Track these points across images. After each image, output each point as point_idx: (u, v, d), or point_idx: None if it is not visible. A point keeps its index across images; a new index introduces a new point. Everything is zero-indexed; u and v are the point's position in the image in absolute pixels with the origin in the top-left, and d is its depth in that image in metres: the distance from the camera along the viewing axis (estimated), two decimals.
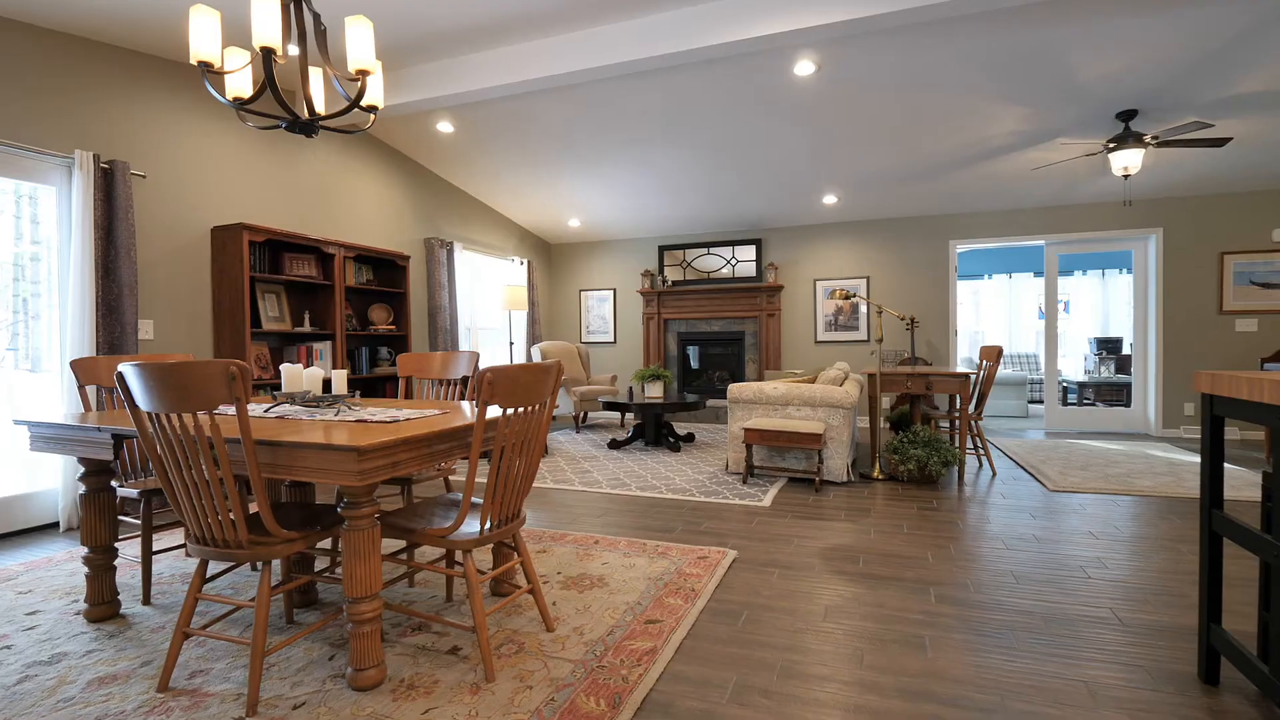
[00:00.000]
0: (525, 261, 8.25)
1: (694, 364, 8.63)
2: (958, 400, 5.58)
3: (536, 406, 2.13)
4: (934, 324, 7.48)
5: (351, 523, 1.89)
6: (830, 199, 7.10)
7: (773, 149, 5.91)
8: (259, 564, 2.99)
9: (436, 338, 6.64)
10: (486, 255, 7.69)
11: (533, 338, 8.34)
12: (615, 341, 8.91)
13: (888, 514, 3.81)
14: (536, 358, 7.67)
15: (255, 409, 2.48)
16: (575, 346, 8.12)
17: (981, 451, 5.37)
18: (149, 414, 1.83)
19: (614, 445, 6.04)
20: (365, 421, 2.14)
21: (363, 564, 1.89)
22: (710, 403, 8.43)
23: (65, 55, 3.86)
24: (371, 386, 5.84)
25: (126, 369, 1.82)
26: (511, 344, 7.38)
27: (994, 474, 4.90)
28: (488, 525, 2.07)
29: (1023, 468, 5.13)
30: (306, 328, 5.08)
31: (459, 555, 2.78)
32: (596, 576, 2.79)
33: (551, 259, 9.25)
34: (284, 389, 2.36)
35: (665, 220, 8.05)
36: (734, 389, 4.87)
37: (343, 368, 5.22)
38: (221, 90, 4.32)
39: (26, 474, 3.78)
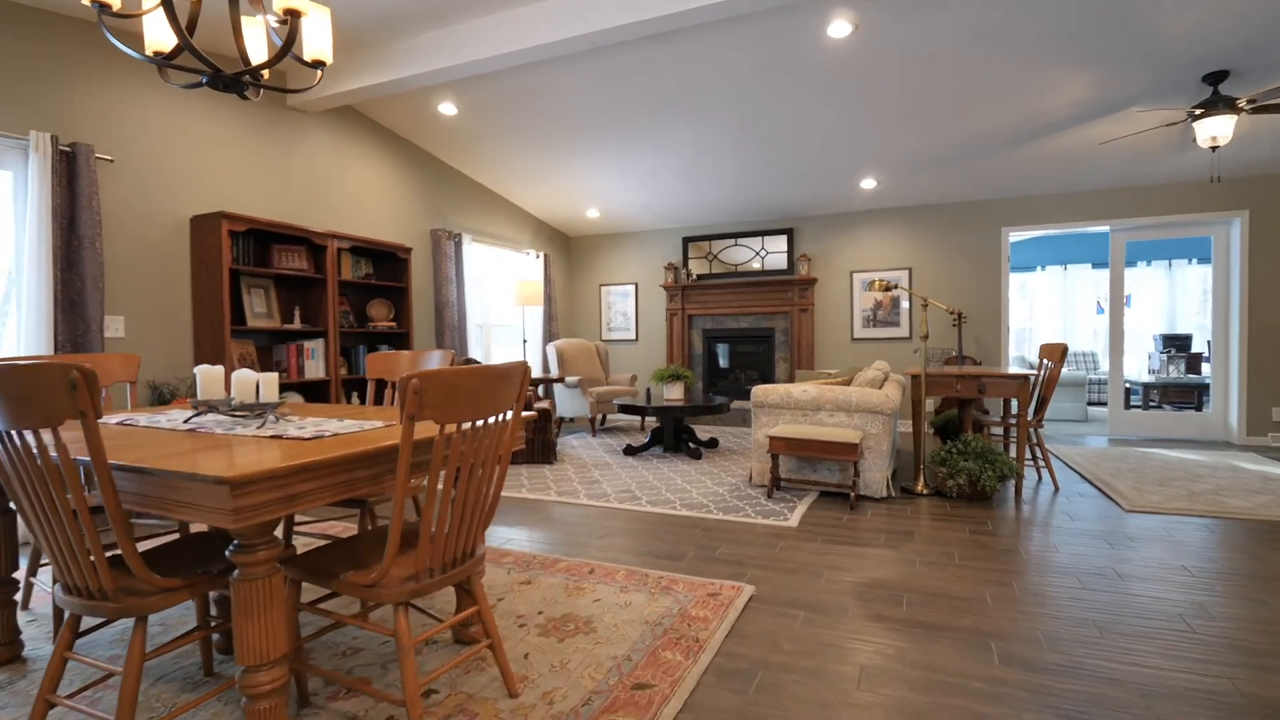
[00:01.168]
0: (541, 255, 7.85)
1: (722, 363, 8.12)
2: (1012, 405, 4.98)
3: (493, 420, 1.68)
4: (983, 319, 6.84)
5: (243, 570, 1.47)
6: (869, 183, 6.52)
7: (805, 127, 5.38)
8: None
9: (443, 335, 6.27)
10: (499, 248, 7.31)
11: (549, 335, 7.94)
12: (637, 339, 8.45)
13: (935, 538, 3.27)
14: (552, 356, 7.26)
15: (177, 417, 2.09)
16: (594, 345, 7.69)
17: (1041, 463, 4.76)
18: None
19: (629, 451, 5.59)
20: (281, 437, 1.73)
21: (256, 623, 1.47)
22: (736, 404, 7.92)
23: (20, 27, 3.55)
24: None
25: None
26: (525, 341, 6.99)
27: (1056, 489, 4.30)
28: (423, 573, 1.63)
29: (1089, 482, 4.51)
30: (296, 325, 4.75)
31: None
32: (584, 618, 2.34)
33: (570, 252, 8.83)
34: (200, 395, 1.96)
35: (689, 210, 7.56)
36: (758, 391, 4.37)
37: (336, 367, 4.87)
38: (138, 45, 3.99)
39: None
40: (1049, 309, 10.60)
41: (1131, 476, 4.58)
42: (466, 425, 1.64)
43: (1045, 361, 4.52)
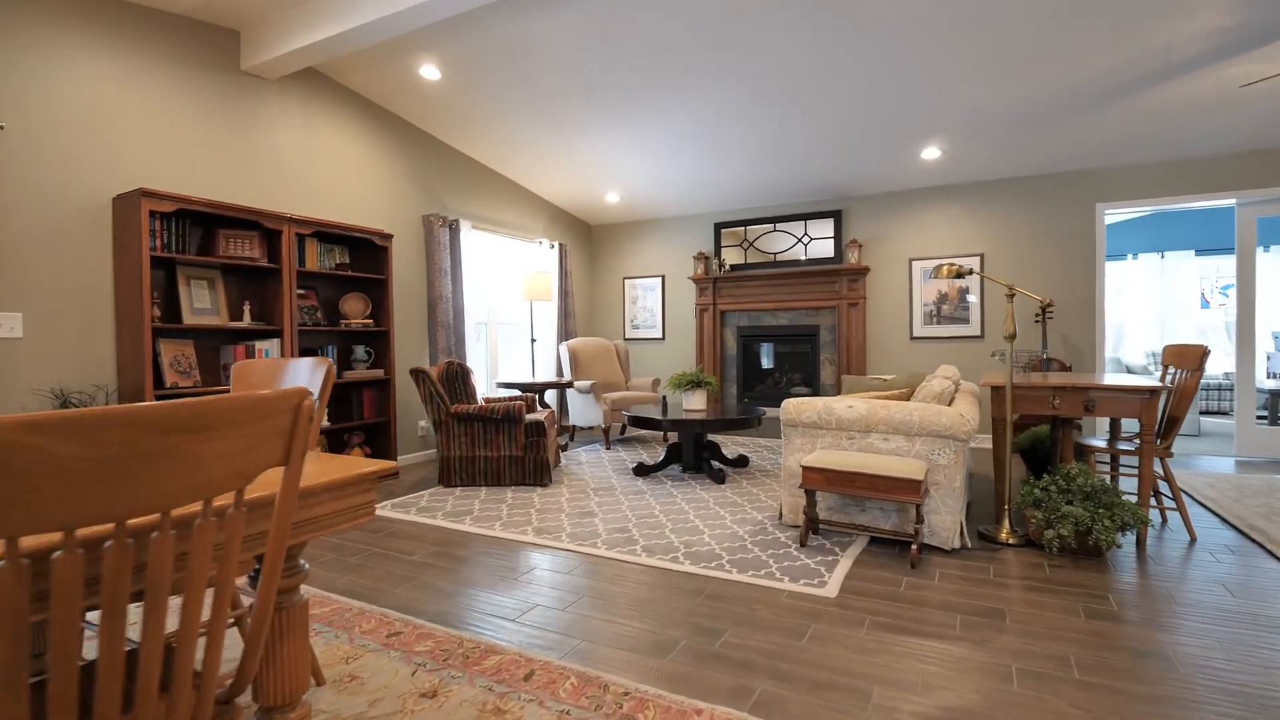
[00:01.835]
0: (557, 245, 7.05)
1: (759, 365, 7.16)
2: (1121, 424, 3.90)
3: (218, 508, 0.85)
4: (1072, 314, 5.71)
5: None
6: (931, 152, 5.47)
7: (854, 84, 4.40)
8: None
9: (435, 334, 5.54)
10: (507, 236, 6.54)
11: (566, 333, 7.14)
12: (663, 338, 7.57)
13: (1037, 625, 2.30)
14: (564, 357, 6.46)
15: None
16: (613, 344, 6.85)
17: (1169, 501, 3.69)
18: None
19: (640, 471, 4.73)
20: None
21: None
22: (774, 413, 6.96)
23: None
24: (342, 395, 4.78)
25: None
26: (534, 341, 6.23)
27: (1192, 539, 3.23)
28: None
29: (1234, 527, 3.42)
30: (246, 322, 4.06)
31: None
32: None
33: (592, 242, 8.01)
34: None
35: (721, 191, 6.63)
36: (790, 407, 3.44)
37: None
38: None
39: None
40: (1144, 303, 9.22)
41: None
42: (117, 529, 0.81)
43: (1175, 369, 3.45)
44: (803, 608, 2.46)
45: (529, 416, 4.51)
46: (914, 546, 2.91)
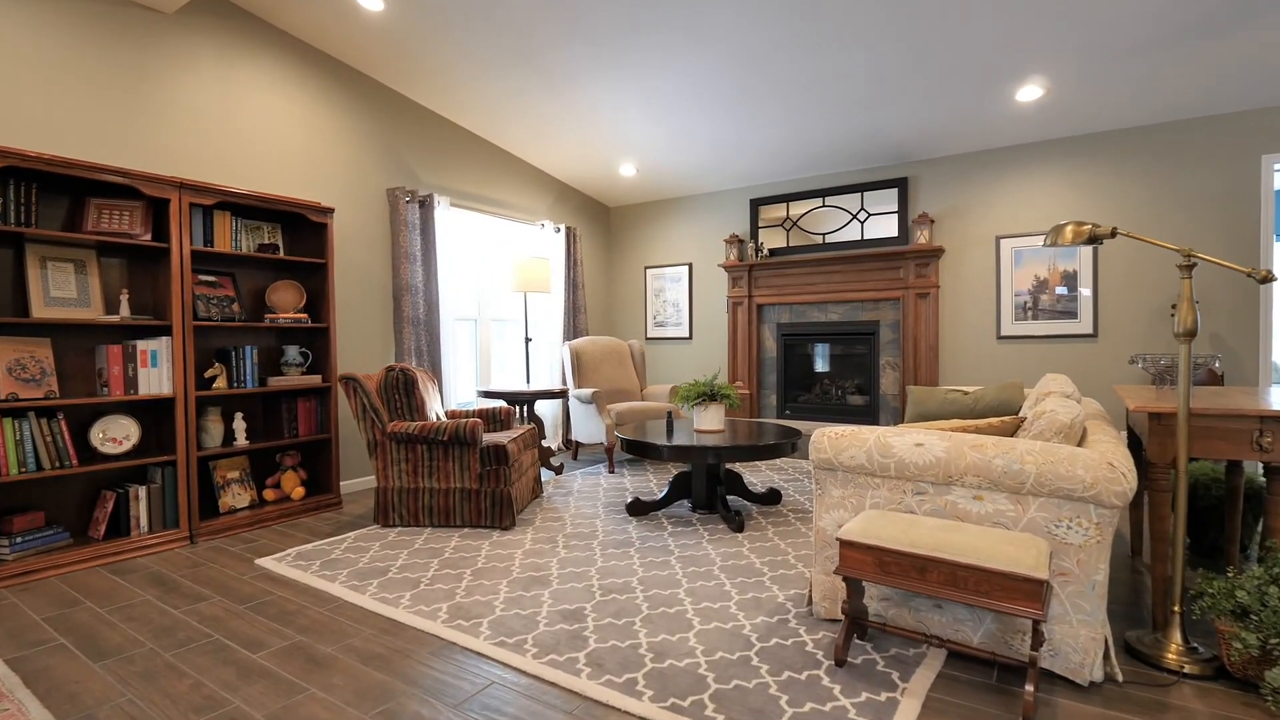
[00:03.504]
0: (563, 228, 6.02)
1: (803, 369, 5.95)
2: None
3: None
4: (1225, 305, 4.28)
5: None
6: (1030, 93, 4.17)
7: (928, 5, 3.18)
8: None
9: (401, 332, 4.59)
10: (502, 218, 5.56)
11: (574, 331, 6.12)
12: (691, 337, 6.44)
13: None
14: (566, 359, 5.43)
15: None
16: (626, 345, 5.78)
17: None
18: None
19: (635, 509, 3.64)
20: None
21: None
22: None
23: None
24: (271, 407, 3.88)
25: None
26: (528, 341, 5.23)
27: None
28: None
29: None
30: (122, 315, 3.20)
31: None
32: None
33: (610, 227, 6.96)
34: None
35: (756, 159, 5.46)
36: (824, 441, 2.28)
37: (189, 378, 3.28)
38: None
39: None
40: None
41: None
42: None
43: None
44: None
45: (486, 439, 3.49)
46: (1029, 688, 1.72)
